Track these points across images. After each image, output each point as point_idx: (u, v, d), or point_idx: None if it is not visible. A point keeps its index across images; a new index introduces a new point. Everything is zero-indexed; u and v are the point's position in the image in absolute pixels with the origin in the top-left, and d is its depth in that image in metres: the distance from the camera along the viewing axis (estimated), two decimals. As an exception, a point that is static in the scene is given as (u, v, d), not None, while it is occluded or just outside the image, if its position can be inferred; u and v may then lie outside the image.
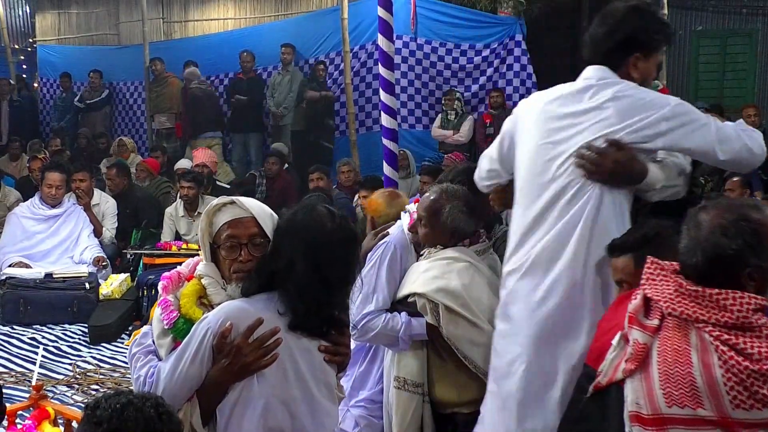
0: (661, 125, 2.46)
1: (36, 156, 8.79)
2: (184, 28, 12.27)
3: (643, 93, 2.52)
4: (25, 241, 6.32)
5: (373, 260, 3.14)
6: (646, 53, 2.57)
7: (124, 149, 9.18)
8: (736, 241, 1.87)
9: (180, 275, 2.47)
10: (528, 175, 2.62)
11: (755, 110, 8.22)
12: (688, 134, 2.47)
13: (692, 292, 1.89)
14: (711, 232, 1.90)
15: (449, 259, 3.03)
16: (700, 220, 1.94)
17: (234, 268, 2.35)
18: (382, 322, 3.04)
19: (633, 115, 2.46)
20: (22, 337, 5.53)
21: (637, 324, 1.95)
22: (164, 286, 2.44)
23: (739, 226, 1.88)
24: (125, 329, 5.61)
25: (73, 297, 5.84)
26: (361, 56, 9.79)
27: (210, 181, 7.65)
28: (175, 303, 2.39)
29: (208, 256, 2.44)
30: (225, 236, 2.37)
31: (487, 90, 9.44)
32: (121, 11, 12.69)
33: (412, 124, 9.75)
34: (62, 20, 13.30)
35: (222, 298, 2.36)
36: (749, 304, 1.83)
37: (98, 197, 6.87)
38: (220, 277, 2.40)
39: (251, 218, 2.38)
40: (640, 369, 1.90)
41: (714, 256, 1.89)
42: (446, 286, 2.94)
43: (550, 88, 2.72)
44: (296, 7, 11.44)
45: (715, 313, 1.85)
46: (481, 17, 9.62)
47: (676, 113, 2.47)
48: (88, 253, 6.35)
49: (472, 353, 2.93)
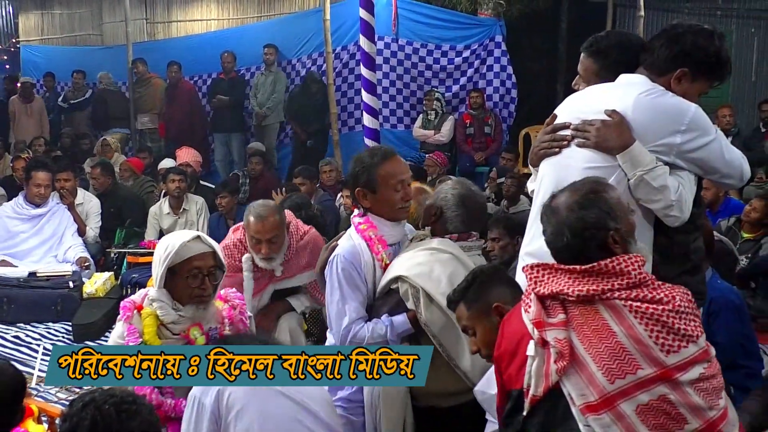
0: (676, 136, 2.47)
1: (20, 156, 8.73)
2: (167, 28, 12.23)
3: (668, 98, 2.52)
4: (8, 240, 6.27)
5: (331, 278, 3.13)
6: (694, 74, 2.55)
7: (107, 149, 9.13)
8: (593, 211, 2.04)
9: (134, 303, 2.88)
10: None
11: (730, 110, 8.30)
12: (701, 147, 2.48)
13: (587, 270, 2.00)
14: (570, 210, 2.06)
15: (433, 250, 3.04)
16: (555, 206, 2.12)
17: (195, 293, 2.81)
18: (368, 332, 3.03)
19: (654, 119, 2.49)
20: (6, 335, 5.50)
21: (547, 325, 2.01)
22: (124, 313, 2.86)
23: (589, 198, 2.07)
24: (109, 328, 5.55)
25: (57, 295, 5.79)
26: (343, 57, 9.79)
27: (195, 180, 7.64)
28: (139, 329, 2.80)
29: (161, 283, 2.82)
30: (192, 267, 2.80)
31: (468, 90, 9.48)
32: (104, 12, 12.63)
33: (394, 124, 9.78)
34: (45, 20, 13.22)
35: (173, 318, 2.82)
36: (638, 262, 2.00)
37: (82, 196, 6.84)
38: (171, 300, 2.82)
39: (211, 252, 2.85)
40: (572, 363, 1.96)
41: (580, 229, 2.04)
42: (428, 273, 2.95)
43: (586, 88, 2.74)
44: (279, 8, 11.43)
45: (616, 281, 1.98)
46: (461, 19, 9.65)
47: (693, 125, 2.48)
48: (72, 252, 6.32)
49: (447, 342, 2.94)
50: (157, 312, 2.83)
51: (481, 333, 2.43)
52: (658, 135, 2.47)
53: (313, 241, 4.15)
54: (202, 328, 2.90)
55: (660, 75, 2.57)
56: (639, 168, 2.43)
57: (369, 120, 5.00)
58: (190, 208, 6.76)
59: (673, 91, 2.54)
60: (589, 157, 2.53)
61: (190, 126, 10.13)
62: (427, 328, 2.95)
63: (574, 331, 1.98)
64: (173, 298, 2.84)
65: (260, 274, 4.03)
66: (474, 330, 2.45)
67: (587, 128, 2.53)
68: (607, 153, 2.49)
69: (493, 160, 8.85)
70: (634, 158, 2.44)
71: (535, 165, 2.75)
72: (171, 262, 2.80)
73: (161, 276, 2.83)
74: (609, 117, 2.50)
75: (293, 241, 4.08)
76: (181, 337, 2.87)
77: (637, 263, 1.99)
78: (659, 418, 1.88)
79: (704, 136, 2.49)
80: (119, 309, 2.94)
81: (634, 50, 2.69)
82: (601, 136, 2.49)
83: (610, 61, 2.72)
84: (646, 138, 2.47)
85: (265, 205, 3.93)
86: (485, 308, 2.40)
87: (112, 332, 3.00)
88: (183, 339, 2.88)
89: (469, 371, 2.89)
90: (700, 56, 2.55)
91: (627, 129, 2.47)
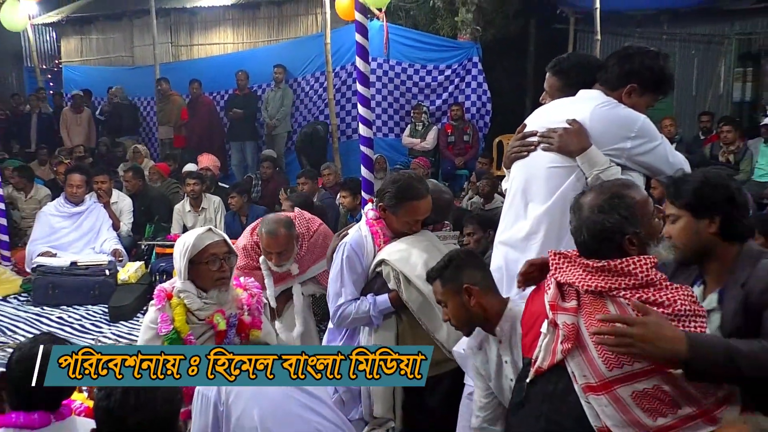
0: (626, 142, 2.47)
1: (62, 161, 8.70)
2: (189, 50, 12.16)
3: (620, 109, 2.53)
4: (52, 235, 6.24)
5: (336, 261, 3.16)
6: (642, 89, 2.55)
7: (138, 155, 9.09)
8: (612, 216, 1.92)
9: (166, 292, 2.87)
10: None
11: (672, 121, 8.31)
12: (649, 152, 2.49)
13: (599, 267, 1.91)
14: (591, 211, 1.96)
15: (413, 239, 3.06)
16: (581, 204, 2.01)
17: (216, 276, 2.83)
18: (354, 308, 3.08)
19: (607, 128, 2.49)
20: (51, 316, 5.49)
21: (560, 309, 1.95)
22: (159, 302, 2.85)
23: (612, 203, 1.94)
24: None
25: (95, 282, 5.78)
26: (341, 75, 9.76)
27: (213, 182, 7.62)
28: (170, 317, 2.80)
29: (185, 275, 2.83)
30: (209, 254, 2.81)
31: (449, 104, 9.46)
32: (134, 36, 12.55)
33: (386, 134, 9.76)
34: (84, 44, 13.14)
35: (199, 305, 2.83)
36: (646, 264, 1.87)
37: (116, 196, 6.81)
38: (195, 289, 2.83)
39: (222, 240, 2.86)
40: (576, 346, 1.90)
41: (596, 231, 1.94)
42: (407, 258, 2.97)
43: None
44: (286, 33, 11.38)
45: (623, 280, 1.88)
46: (443, 42, 9.64)
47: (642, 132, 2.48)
48: (108, 245, 6.29)
49: (425, 317, 2.96)
50: (185, 301, 2.82)
51: (452, 307, 2.43)
52: (612, 141, 2.48)
53: (323, 234, 4.07)
54: (224, 314, 2.89)
55: (613, 90, 2.57)
56: (595, 168, 2.44)
57: (364, 130, 4.97)
58: (208, 206, 6.74)
59: (625, 103, 2.55)
60: (552, 159, 2.54)
61: (209, 135, 10.09)
62: (408, 305, 2.98)
63: (582, 317, 1.91)
64: (197, 287, 2.84)
65: (278, 274, 3.91)
66: (446, 303, 2.45)
67: (551, 135, 2.54)
68: (568, 155, 2.50)
69: (471, 164, 8.85)
70: (591, 159, 2.45)
71: (507, 167, 2.76)
72: (191, 254, 2.80)
73: (184, 268, 2.83)
74: (570, 125, 2.50)
75: (304, 242, 3.97)
76: (206, 322, 2.87)
77: (646, 265, 1.87)
78: (653, 402, 1.81)
79: (651, 142, 2.49)
80: (153, 296, 2.92)
81: (592, 69, 2.69)
82: (563, 142, 2.50)
83: (571, 78, 2.72)
84: (601, 143, 2.47)
85: (276, 222, 3.76)
86: (457, 287, 2.40)
87: (145, 316, 2.98)
88: (208, 324, 2.87)
89: (445, 341, 2.92)
90: (647, 74, 2.55)
91: (585, 135, 2.47)
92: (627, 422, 1.82)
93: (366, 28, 4.91)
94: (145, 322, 2.93)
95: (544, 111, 2.71)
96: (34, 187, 7.54)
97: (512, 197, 2.69)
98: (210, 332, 2.88)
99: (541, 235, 2.52)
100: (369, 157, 4.99)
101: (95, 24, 12.96)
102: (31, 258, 6.07)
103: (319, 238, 4.05)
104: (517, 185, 2.65)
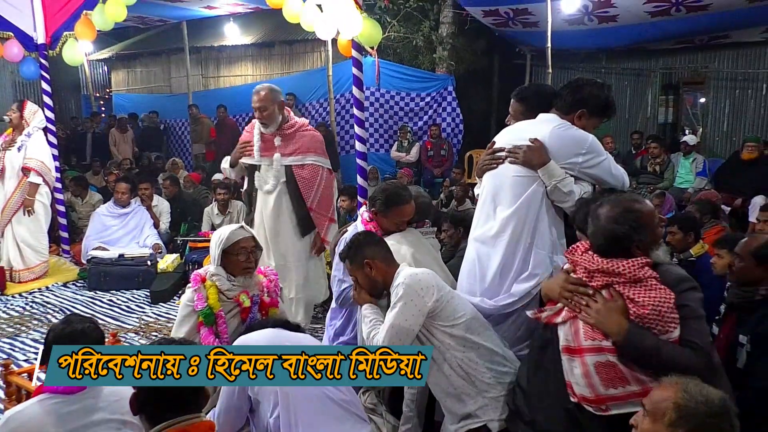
0: (578, 157, 2.45)
1: (111, 171, 8.62)
2: (216, 81, 12.10)
3: (573, 131, 2.51)
4: (103, 232, 6.18)
5: (337, 253, 3.08)
6: (591, 114, 2.54)
7: (175, 166, 9.01)
8: (624, 227, 1.94)
9: (200, 276, 2.83)
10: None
11: (611, 139, 8.32)
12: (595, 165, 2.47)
13: (599, 265, 1.96)
14: (607, 221, 1.97)
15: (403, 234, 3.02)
16: (599, 213, 2.01)
17: (244, 266, 2.80)
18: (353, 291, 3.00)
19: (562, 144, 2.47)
20: (102, 299, 5.43)
21: (576, 265, 2.04)
22: (195, 284, 2.81)
23: (624, 216, 1.95)
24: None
25: (139, 271, 5.71)
26: (341, 101, 9.74)
27: (237, 189, 7.54)
28: (204, 296, 2.76)
29: (218, 261, 2.79)
30: (239, 247, 2.78)
31: (429, 125, 9.45)
32: (171, 69, 12.49)
33: (377, 149, 9.73)
34: (130, 76, 13.06)
35: (228, 286, 2.78)
36: (634, 265, 1.90)
37: (156, 200, 6.75)
38: (226, 274, 2.80)
39: (251, 236, 2.85)
40: (571, 319, 1.97)
41: (611, 238, 1.95)
42: (398, 250, 2.92)
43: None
44: (296, 67, 11.36)
45: (616, 278, 1.92)
46: (424, 75, 9.63)
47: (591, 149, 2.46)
48: (149, 240, 6.22)
49: None
50: (217, 283, 2.78)
51: (361, 279, 2.48)
52: (567, 156, 2.46)
53: (310, 134, 4.10)
54: (248, 294, 2.85)
55: (566, 114, 2.56)
56: (554, 179, 2.43)
57: (360, 146, 4.95)
58: (233, 210, 6.68)
59: (576, 125, 2.53)
60: (517, 170, 2.52)
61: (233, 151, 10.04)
62: None
63: None
64: (227, 272, 2.81)
65: (265, 145, 4.05)
66: (357, 277, 2.49)
67: (517, 151, 2.51)
68: (530, 168, 2.48)
69: (447, 173, 8.83)
70: (550, 172, 2.44)
71: (479, 176, 2.73)
72: (224, 245, 2.77)
73: (218, 256, 2.79)
74: (532, 143, 2.48)
75: (285, 123, 4.06)
76: (234, 300, 2.83)
77: (634, 266, 1.89)
78: (609, 374, 1.86)
79: (598, 157, 2.48)
80: (190, 279, 2.88)
81: (548, 97, 2.67)
82: (526, 156, 2.48)
83: (531, 104, 2.70)
84: (558, 158, 2.45)
85: (261, 85, 3.99)
86: (360, 262, 2.44)
87: (183, 296, 2.95)
88: (235, 302, 2.83)
89: None
90: (594, 101, 2.54)
91: (545, 151, 2.46)
92: (585, 384, 1.88)
93: (361, 62, 4.89)
94: (183, 300, 2.89)
95: (510, 131, 2.68)
96: (88, 193, 7.48)
97: (483, 201, 2.66)
98: (236, 309, 2.84)
99: (508, 233, 2.50)
100: (364, 168, 4.97)
101: (139, 59, 12.89)
102: (86, 251, 6.00)
103: (306, 133, 4.09)
104: (488, 192, 2.63)
